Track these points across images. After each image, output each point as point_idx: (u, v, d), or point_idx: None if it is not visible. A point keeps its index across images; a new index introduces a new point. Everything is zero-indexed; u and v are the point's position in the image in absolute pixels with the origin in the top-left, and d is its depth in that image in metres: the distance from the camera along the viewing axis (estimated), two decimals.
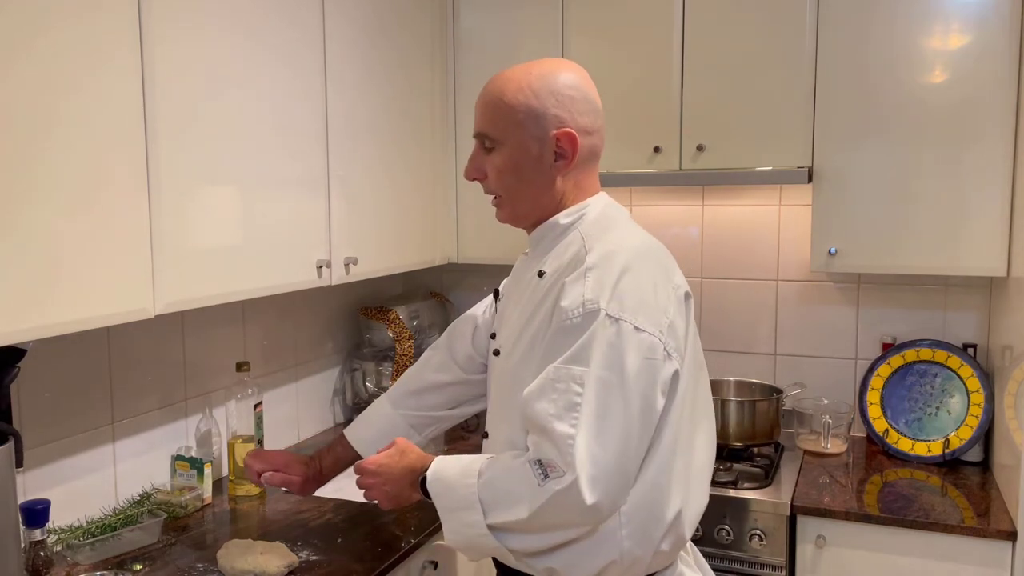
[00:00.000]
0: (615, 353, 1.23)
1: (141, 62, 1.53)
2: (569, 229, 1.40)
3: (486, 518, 1.28)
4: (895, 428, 2.46)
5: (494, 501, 1.28)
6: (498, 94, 1.39)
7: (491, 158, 1.41)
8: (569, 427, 1.21)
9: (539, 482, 1.22)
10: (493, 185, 1.44)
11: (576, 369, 1.23)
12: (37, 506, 1.63)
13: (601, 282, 1.26)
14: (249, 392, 2.14)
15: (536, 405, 1.25)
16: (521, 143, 1.38)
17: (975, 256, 2.20)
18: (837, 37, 2.27)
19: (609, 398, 1.22)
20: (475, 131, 1.44)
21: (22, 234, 1.32)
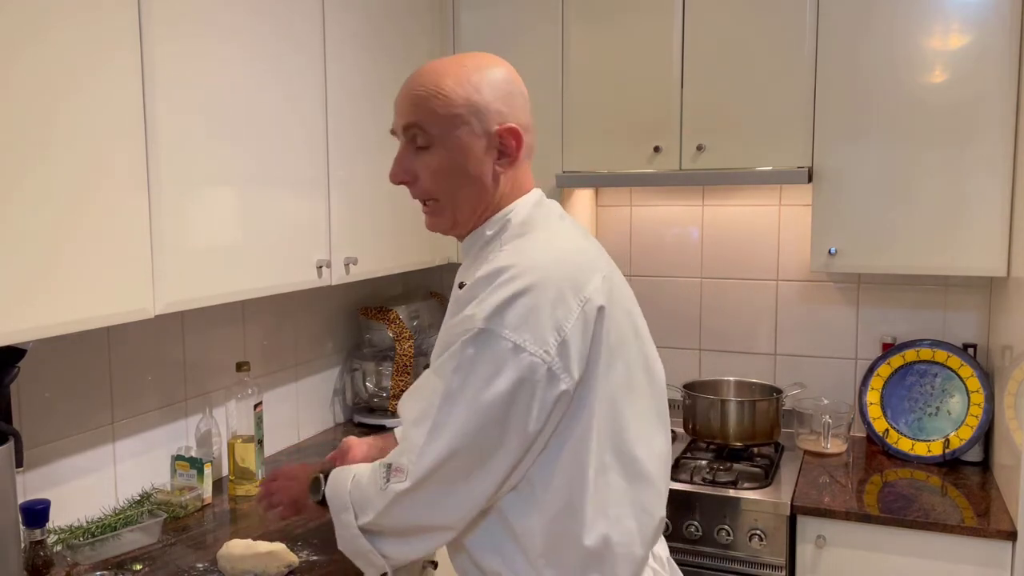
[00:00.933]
0: (485, 370, 1.16)
1: (141, 62, 1.53)
2: (493, 240, 1.32)
3: (357, 519, 1.27)
4: (895, 428, 2.46)
5: (360, 501, 1.27)
6: (433, 87, 1.26)
7: (424, 158, 1.28)
8: (421, 435, 1.19)
9: (382, 485, 1.22)
10: (427, 188, 1.30)
11: (437, 381, 1.20)
12: (37, 506, 1.63)
13: (485, 299, 1.18)
14: (249, 392, 2.14)
15: (405, 404, 1.27)
16: (462, 140, 1.26)
17: (975, 256, 2.20)
18: (837, 37, 2.27)
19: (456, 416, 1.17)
20: (402, 125, 1.30)
21: (22, 234, 1.32)
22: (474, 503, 1.21)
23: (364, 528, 1.26)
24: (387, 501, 1.22)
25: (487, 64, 1.31)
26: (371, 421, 2.68)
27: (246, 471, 2.12)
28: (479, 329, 1.17)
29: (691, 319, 2.81)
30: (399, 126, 1.31)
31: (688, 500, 2.20)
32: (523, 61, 2.57)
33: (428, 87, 1.27)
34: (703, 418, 2.47)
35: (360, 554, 1.29)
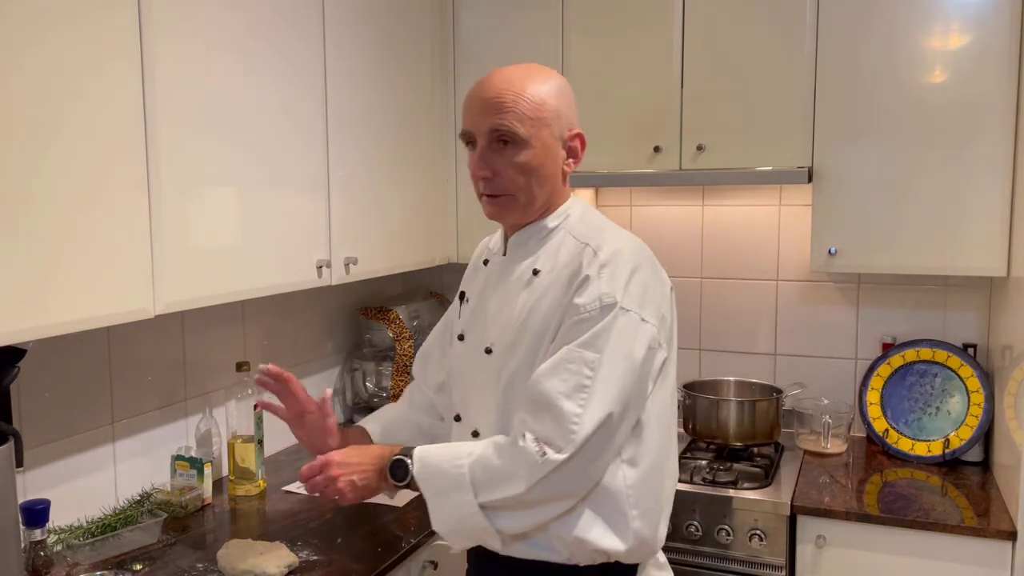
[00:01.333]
0: (626, 342, 1.33)
1: (141, 62, 1.53)
2: (556, 231, 1.46)
3: (477, 497, 1.32)
4: (895, 428, 2.46)
5: (485, 480, 1.32)
6: (521, 90, 1.39)
7: (509, 155, 1.40)
8: (577, 406, 1.29)
9: (538, 458, 1.28)
10: (509, 183, 1.41)
11: (589, 354, 1.31)
12: (37, 506, 1.63)
13: (615, 278, 1.34)
14: (249, 392, 2.14)
15: (546, 383, 1.32)
16: (545, 141, 1.40)
17: (975, 256, 2.20)
18: (837, 37, 2.27)
19: (613, 381, 1.31)
20: (489, 128, 1.40)
21: (22, 234, 1.32)
22: (605, 466, 1.35)
23: (485, 505, 1.32)
24: (545, 472, 1.28)
25: (554, 75, 1.45)
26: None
27: (246, 471, 2.12)
28: (615, 305, 1.32)
29: (691, 319, 2.81)
30: (483, 129, 1.40)
31: (688, 500, 2.19)
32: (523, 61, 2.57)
33: (516, 92, 1.39)
34: (703, 418, 2.46)
35: (474, 532, 1.36)
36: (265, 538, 1.78)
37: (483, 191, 1.44)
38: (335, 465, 1.43)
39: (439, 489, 1.36)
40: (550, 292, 1.39)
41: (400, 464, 1.40)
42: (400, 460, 1.40)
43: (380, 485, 1.43)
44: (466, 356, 1.52)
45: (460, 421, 1.52)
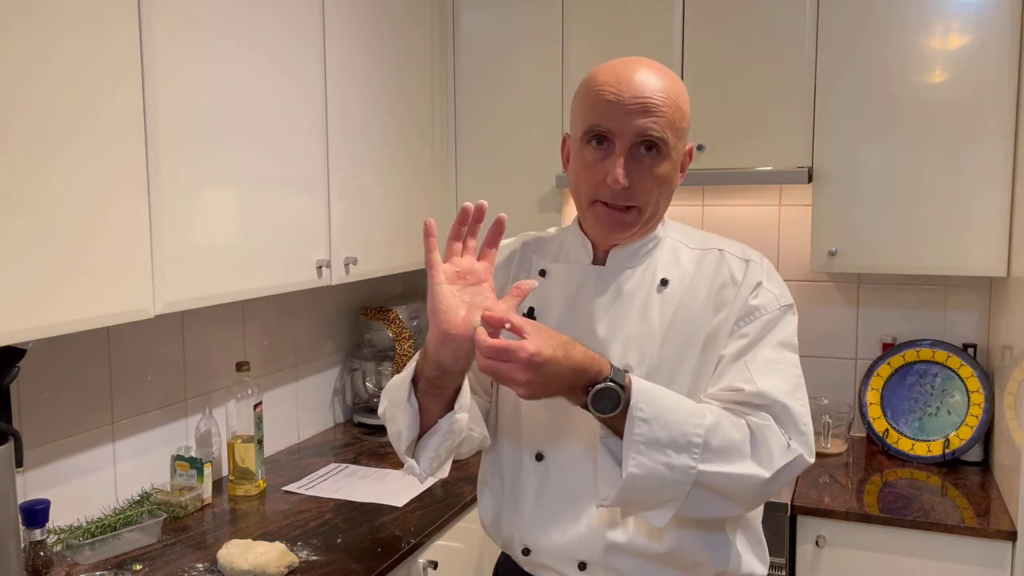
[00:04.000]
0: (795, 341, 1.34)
1: (142, 62, 1.53)
2: (663, 240, 1.36)
3: (701, 464, 1.15)
4: (895, 428, 2.46)
5: (719, 450, 1.16)
6: (676, 95, 1.25)
7: (649, 164, 1.24)
8: (801, 407, 1.26)
9: (788, 443, 1.21)
10: (641, 195, 1.25)
11: (791, 355, 1.31)
12: (37, 506, 1.63)
13: (776, 280, 1.34)
14: (249, 392, 2.14)
15: (765, 382, 1.23)
16: (680, 153, 1.30)
17: (975, 256, 2.20)
18: (837, 37, 2.27)
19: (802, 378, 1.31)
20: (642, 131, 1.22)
21: (22, 235, 1.32)
22: None
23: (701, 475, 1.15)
24: (788, 461, 1.20)
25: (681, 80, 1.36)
26: (371, 421, 2.68)
27: (246, 471, 2.12)
28: (792, 306, 1.33)
29: None
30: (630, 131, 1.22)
31: None
32: (523, 61, 2.59)
33: (672, 97, 1.24)
34: None
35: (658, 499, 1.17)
36: (265, 538, 1.78)
37: (608, 199, 1.25)
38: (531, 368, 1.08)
39: (658, 439, 1.14)
40: (689, 302, 1.30)
41: (610, 393, 1.13)
42: (610, 388, 1.13)
43: (572, 399, 1.17)
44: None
45: (542, 460, 1.33)
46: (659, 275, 1.32)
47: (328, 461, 2.37)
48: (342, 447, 2.51)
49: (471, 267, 1.19)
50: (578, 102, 1.29)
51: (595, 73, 1.27)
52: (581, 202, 1.30)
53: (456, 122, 2.67)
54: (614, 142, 1.23)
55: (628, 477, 1.14)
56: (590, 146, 1.25)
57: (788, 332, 1.32)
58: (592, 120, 1.24)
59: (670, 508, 1.18)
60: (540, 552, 1.33)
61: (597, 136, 1.24)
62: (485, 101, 2.64)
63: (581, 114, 1.27)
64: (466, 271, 1.19)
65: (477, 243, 1.22)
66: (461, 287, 1.18)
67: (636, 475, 1.14)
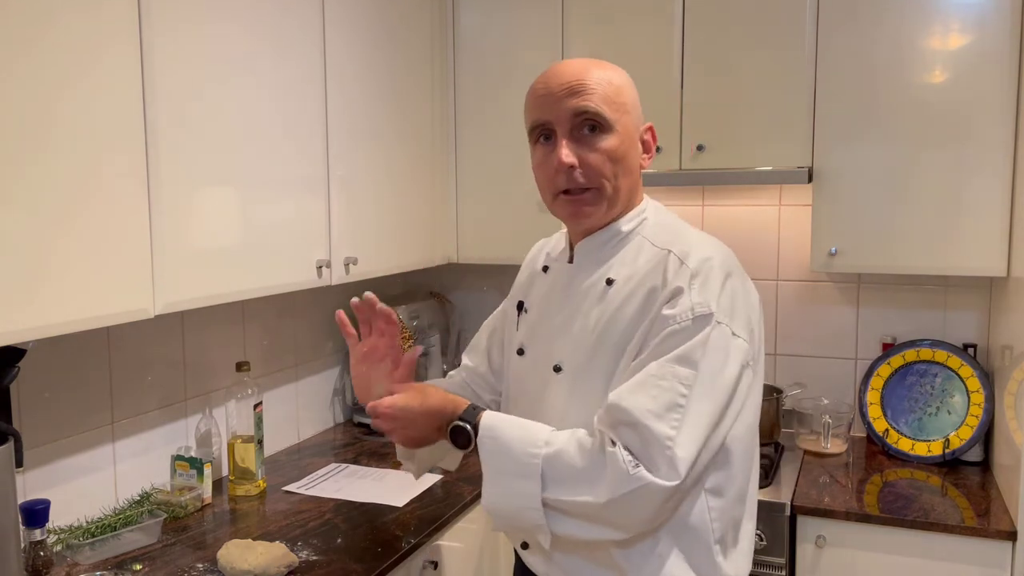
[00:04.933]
0: (721, 357, 1.20)
1: (141, 62, 1.53)
2: (631, 236, 1.34)
3: (544, 491, 1.20)
4: (895, 428, 2.46)
5: (559, 477, 1.20)
6: (606, 75, 1.30)
7: (595, 141, 1.28)
8: (669, 428, 1.16)
9: (630, 469, 1.15)
10: (594, 173, 1.29)
11: (682, 370, 1.18)
12: (37, 506, 1.63)
13: (707, 287, 1.22)
14: (249, 392, 2.14)
15: (632, 399, 1.18)
16: (628, 128, 1.31)
17: (975, 256, 2.20)
18: (837, 37, 2.27)
19: (708, 402, 1.19)
20: (577, 110, 1.27)
21: (22, 234, 1.32)
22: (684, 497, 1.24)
23: (548, 502, 1.20)
24: (631, 488, 1.15)
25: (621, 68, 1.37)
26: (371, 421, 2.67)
27: (246, 471, 2.12)
28: (710, 316, 1.20)
29: None
30: (565, 114, 1.28)
31: None
32: (523, 61, 2.59)
33: (596, 76, 1.29)
34: None
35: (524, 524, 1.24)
36: (265, 538, 1.78)
37: (565, 185, 1.30)
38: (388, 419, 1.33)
39: (503, 470, 1.23)
40: (628, 304, 1.27)
41: (461, 431, 1.27)
42: (461, 427, 1.27)
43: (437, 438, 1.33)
44: (528, 373, 1.40)
45: None
46: (607, 275, 1.32)
47: (328, 461, 2.37)
48: (342, 447, 2.51)
49: (375, 346, 1.45)
50: (524, 114, 1.37)
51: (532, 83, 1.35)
52: (548, 200, 1.35)
53: (456, 122, 2.67)
54: (556, 131, 1.29)
55: (487, 504, 1.26)
56: (539, 144, 1.33)
57: (689, 346, 1.19)
58: (532, 118, 1.33)
59: (542, 532, 1.23)
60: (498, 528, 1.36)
61: (542, 132, 1.32)
62: (485, 101, 2.64)
63: (526, 120, 1.35)
64: (372, 350, 1.45)
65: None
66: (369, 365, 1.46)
67: (492, 503, 1.25)
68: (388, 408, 1.34)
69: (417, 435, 1.34)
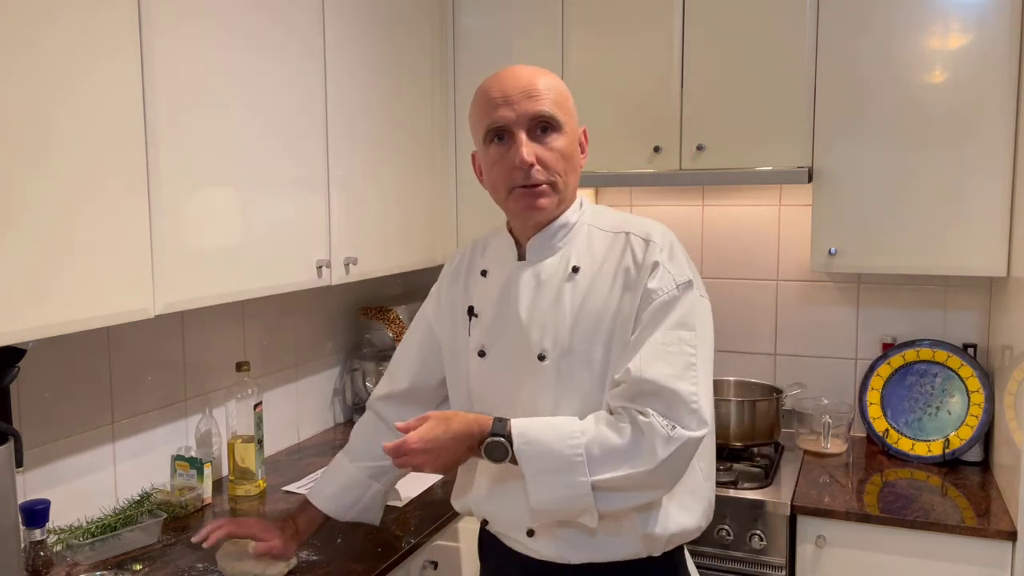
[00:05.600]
0: (706, 317, 1.39)
1: (141, 62, 1.53)
2: (577, 225, 1.47)
3: (592, 476, 1.29)
4: (895, 428, 2.46)
5: (604, 459, 1.29)
6: (554, 82, 1.43)
7: (548, 141, 1.40)
8: (691, 385, 1.30)
9: (668, 432, 1.27)
10: (554, 167, 1.40)
11: (685, 334, 1.33)
12: (37, 506, 1.63)
13: (676, 259, 1.38)
14: (249, 392, 2.14)
15: (652, 370, 1.30)
16: (573, 130, 1.44)
17: (975, 256, 2.20)
18: (837, 37, 2.27)
19: (709, 356, 1.38)
20: (532, 115, 1.39)
21: (22, 234, 1.32)
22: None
23: (596, 484, 1.29)
24: (676, 447, 1.27)
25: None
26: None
27: (246, 471, 2.12)
28: (691, 284, 1.37)
29: None
30: (523, 116, 1.39)
31: None
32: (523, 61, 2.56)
33: (546, 81, 1.42)
34: None
35: (574, 511, 1.32)
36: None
37: (522, 181, 1.40)
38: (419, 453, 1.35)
39: (547, 468, 1.30)
40: (600, 286, 1.39)
41: (497, 445, 1.32)
42: (497, 442, 1.32)
43: (467, 458, 1.39)
44: (498, 371, 1.47)
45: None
46: (572, 263, 1.43)
47: (328, 461, 2.36)
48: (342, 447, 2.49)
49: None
50: (474, 117, 1.46)
51: (480, 87, 1.46)
52: (501, 196, 1.45)
53: (456, 122, 2.67)
54: (513, 131, 1.39)
55: (536, 504, 1.32)
56: (494, 144, 1.42)
57: (683, 311, 1.35)
58: (489, 120, 1.41)
59: (589, 514, 1.32)
60: (496, 523, 1.50)
61: (498, 133, 1.41)
62: None
63: (480, 122, 1.44)
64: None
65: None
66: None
67: (541, 502, 1.32)
68: (418, 442, 1.35)
69: (451, 461, 1.38)
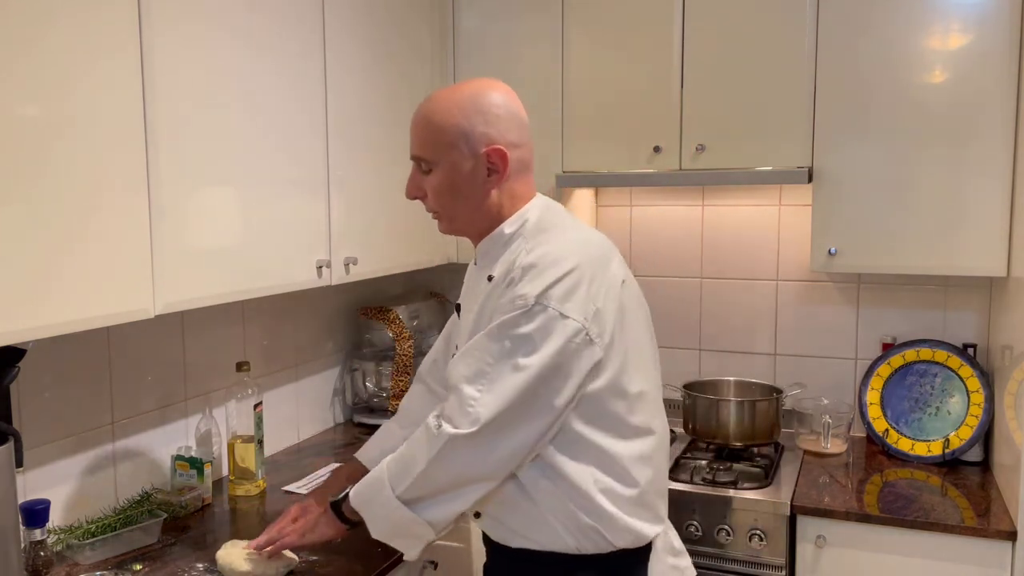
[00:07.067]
0: (537, 336, 1.33)
1: (141, 62, 1.53)
2: (514, 237, 1.49)
3: (395, 491, 1.38)
4: (895, 428, 2.46)
5: (398, 471, 1.39)
6: (427, 117, 1.46)
7: (428, 179, 1.48)
8: (475, 391, 1.33)
9: (434, 430, 1.35)
10: (431, 204, 1.51)
11: (493, 344, 1.35)
12: (37, 506, 1.63)
13: (537, 278, 1.36)
14: (249, 392, 2.14)
15: (454, 369, 1.38)
16: (454, 162, 1.45)
17: (975, 256, 2.20)
18: (837, 37, 2.27)
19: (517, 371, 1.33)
20: (411, 154, 1.50)
21: (22, 234, 1.32)
22: (520, 453, 1.36)
23: (403, 498, 1.37)
24: (440, 446, 1.33)
25: (477, 91, 1.46)
26: (371, 421, 2.68)
27: (246, 471, 2.12)
28: (532, 303, 1.34)
29: (691, 319, 2.81)
30: (410, 153, 1.50)
31: (688, 500, 2.20)
32: (523, 62, 2.59)
33: (423, 117, 1.47)
34: (703, 418, 2.47)
35: (403, 528, 1.40)
36: None
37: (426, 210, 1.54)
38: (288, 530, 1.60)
39: (368, 498, 1.43)
40: (492, 297, 1.43)
41: (336, 504, 1.49)
42: (335, 501, 1.49)
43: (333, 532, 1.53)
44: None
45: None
46: (490, 272, 1.48)
47: (328, 461, 2.37)
48: (342, 447, 2.51)
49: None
50: None
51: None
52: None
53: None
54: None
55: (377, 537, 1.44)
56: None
57: (505, 323, 1.35)
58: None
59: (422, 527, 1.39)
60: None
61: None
62: None
63: None
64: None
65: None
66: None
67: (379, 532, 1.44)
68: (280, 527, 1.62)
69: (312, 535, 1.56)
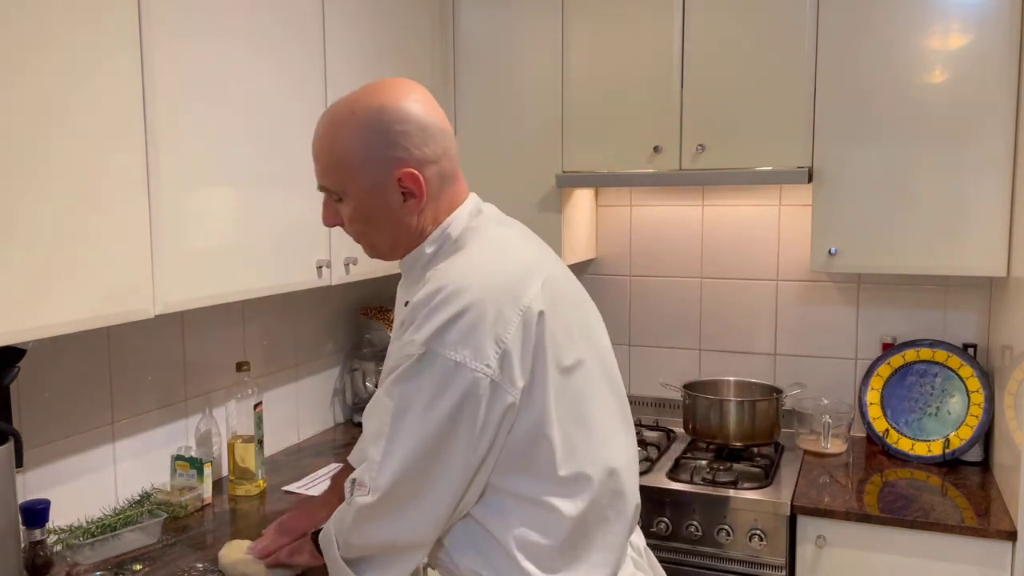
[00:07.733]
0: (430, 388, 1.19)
1: (141, 62, 1.53)
2: (434, 257, 1.34)
3: (339, 549, 1.32)
4: (895, 428, 2.46)
5: (337, 531, 1.33)
6: (328, 145, 1.30)
7: (341, 207, 1.34)
8: (378, 454, 1.22)
9: (348, 500, 1.27)
10: (349, 231, 1.38)
11: (388, 402, 1.23)
12: (37, 506, 1.63)
13: (428, 319, 1.20)
14: (249, 392, 2.14)
15: (364, 423, 1.32)
16: (363, 191, 1.30)
17: (975, 256, 2.20)
18: (837, 37, 2.27)
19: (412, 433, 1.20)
20: (317, 184, 1.35)
21: (22, 234, 1.32)
22: (436, 516, 1.23)
23: (344, 558, 1.31)
24: (353, 515, 1.26)
25: (378, 108, 1.28)
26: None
27: (246, 471, 2.12)
28: (421, 352, 1.19)
29: (691, 319, 2.82)
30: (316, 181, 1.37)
31: (688, 500, 2.20)
32: (523, 60, 2.59)
33: (324, 144, 1.32)
34: (703, 418, 2.47)
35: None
36: None
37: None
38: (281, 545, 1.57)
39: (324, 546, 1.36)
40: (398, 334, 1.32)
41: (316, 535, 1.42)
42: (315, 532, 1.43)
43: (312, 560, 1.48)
44: None
45: None
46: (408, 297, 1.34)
47: (328, 461, 2.37)
48: (342, 447, 2.51)
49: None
50: None
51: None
52: None
53: (455, 122, 2.67)
54: None
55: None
56: None
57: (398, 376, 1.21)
58: None
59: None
60: None
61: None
62: (485, 101, 2.64)
63: None
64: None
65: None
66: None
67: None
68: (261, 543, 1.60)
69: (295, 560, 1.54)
